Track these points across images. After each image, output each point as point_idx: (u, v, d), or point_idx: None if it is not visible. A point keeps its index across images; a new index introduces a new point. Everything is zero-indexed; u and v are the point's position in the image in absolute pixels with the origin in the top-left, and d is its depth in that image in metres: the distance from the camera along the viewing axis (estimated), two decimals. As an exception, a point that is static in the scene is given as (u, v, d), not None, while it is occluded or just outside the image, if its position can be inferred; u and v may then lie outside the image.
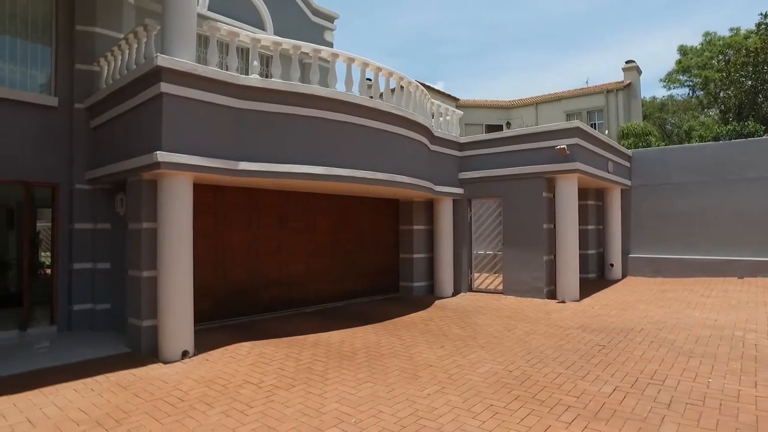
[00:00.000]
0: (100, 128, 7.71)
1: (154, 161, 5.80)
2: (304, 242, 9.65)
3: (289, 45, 7.29)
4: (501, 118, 26.90)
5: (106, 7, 8.24)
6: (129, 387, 5.13)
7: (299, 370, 5.69)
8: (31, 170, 7.60)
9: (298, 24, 12.24)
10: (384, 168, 8.17)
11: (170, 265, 6.10)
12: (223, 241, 8.25)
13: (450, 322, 8.32)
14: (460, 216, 11.62)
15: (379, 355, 6.34)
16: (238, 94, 6.64)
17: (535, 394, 4.86)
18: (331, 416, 4.38)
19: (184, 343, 6.12)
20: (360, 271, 10.86)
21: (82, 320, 7.81)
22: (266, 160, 6.78)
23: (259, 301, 8.81)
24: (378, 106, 8.04)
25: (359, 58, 7.93)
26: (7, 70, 7.65)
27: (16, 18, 7.75)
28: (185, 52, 6.18)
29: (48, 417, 4.37)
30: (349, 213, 10.62)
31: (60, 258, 7.87)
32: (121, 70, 7.14)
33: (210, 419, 4.32)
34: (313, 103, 7.20)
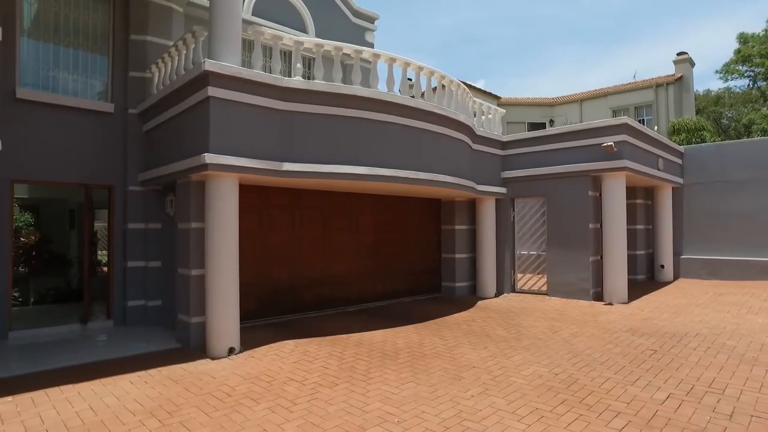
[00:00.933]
0: (151, 132, 8.03)
1: (202, 163, 6.00)
2: (347, 242, 9.73)
3: (331, 46, 7.37)
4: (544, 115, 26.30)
5: (157, 16, 8.58)
6: (179, 381, 5.31)
7: (342, 368, 5.74)
8: (90, 173, 8.00)
9: (339, 26, 12.37)
10: (426, 168, 8.14)
11: (217, 263, 6.28)
12: (267, 241, 8.42)
13: (493, 323, 8.20)
14: (502, 216, 11.43)
15: (421, 355, 6.31)
16: (282, 96, 6.76)
17: (583, 399, 4.71)
18: (375, 415, 4.39)
19: (230, 339, 6.29)
20: (402, 271, 10.86)
21: (136, 315, 8.16)
22: (310, 161, 6.88)
23: (302, 300, 8.95)
24: (420, 105, 8.01)
25: (400, 58, 7.92)
26: (70, 79, 8.09)
27: (79, 32, 8.20)
28: (231, 56, 6.35)
29: (108, 406, 4.59)
30: (391, 213, 10.64)
31: (115, 256, 8.25)
32: (170, 75, 7.42)
33: (256, 415, 4.41)
34: (356, 103, 7.25)
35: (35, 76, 7.78)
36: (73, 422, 4.23)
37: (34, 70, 7.78)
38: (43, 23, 7.92)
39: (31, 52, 7.77)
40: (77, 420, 4.27)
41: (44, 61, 7.88)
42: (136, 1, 8.45)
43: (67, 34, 8.11)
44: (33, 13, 7.89)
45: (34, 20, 7.89)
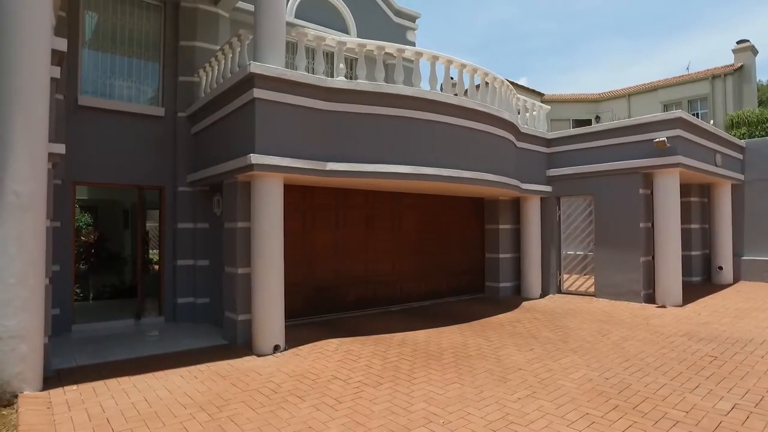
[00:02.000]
0: (199, 134, 8.28)
1: (248, 163, 6.12)
2: (390, 241, 9.73)
3: (373, 46, 7.38)
4: (589, 112, 25.50)
5: (205, 22, 8.85)
6: (227, 377, 5.44)
7: (386, 368, 5.73)
8: (143, 175, 8.33)
9: (381, 25, 12.39)
10: (470, 166, 8.03)
11: (263, 262, 6.40)
12: (312, 240, 8.53)
13: (539, 325, 8.00)
14: (548, 215, 11.15)
15: (466, 355, 6.23)
16: (326, 96, 6.83)
17: (636, 405, 4.51)
18: (419, 416, 4.36)
19: (275, 337, 6.40)
20: (445, 271, 10.77)
21: (185, 312, 8.43)
22: (353, 161, 6.92)
23: (345, 299, 9.01)
24: (463, 103, 7.91)
25: (443, 56, 7.85)
26: (125, 86, 8.49)
27: (133, 41, 8.58)
28: (276, 58, 6.45)
29: (160, 398, 4.75)
30: (434, 212, 10.56)
31: (166, 255, 8.56)
32: (217, 79, 7.62)
33: (301, 412, 4.46)
34: (399, 102, 7.23)
35: (94, 84, 8.19)
36: (129, 412, 4.40)
37: (93, 78, 8.19)
38: (101, 34, 8.33)
39: (91, 62, 8.19)
40: (133, 411, 4.44)
41: (102, 70, 8.28)
42: (185, 9, 8.75)
43: (123, 43, 8.49)
44: (93, 25, 8.30)
45: (94, 32, 8.30)
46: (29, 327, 4.76)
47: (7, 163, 4.68)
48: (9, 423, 4.18)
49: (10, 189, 4.67)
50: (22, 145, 4.75)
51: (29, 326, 4.75)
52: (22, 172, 4.73)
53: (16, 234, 4.69)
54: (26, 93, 4.78)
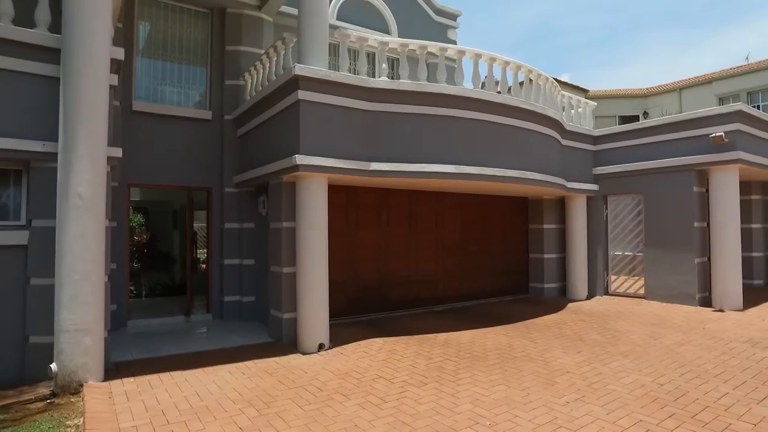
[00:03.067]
0: (245, 136, 8.50)
1: (293, 164, 6.23)
2: (433, 241, 9.70)
3: (415, 45, 7.37)
4: (637, 107, 24.58)
5: (250, 27, 9.07)
6: (273, 374, 5.55)
7: (430, 368, 5.71)
8: (191, 176, 8.62)
9: (422, 25, 12.35)
10: (514, 165, 7.90)
11: (308, 262, 6.50)
12: (355, 240, 8.60)
13: (586, 327, 7.77)
14: (594, 214, 10.83)
15: (511, 357, 6.13)
16: (369, 96, 6.87)
17: (695, 414, 4.31)
18: (465, 417, 4.32)
19: (320, 336, 6.48)
20: (488, 271, 10.63)
21: (232, 310, 8.66)
22: (396, 160, 6.93)
23: (388, 299, 9.04)
24: (507, 101, 7.79)
25: (486, 54, 7.75)
26: (174, 91, 8.81)
27: (182, 47, 8.90)
28: (319, 60, 6.54)
29: (211, 393, 4.90)
30: (477, 212, 10.45)
31: (214, 254, 8.82)
32: (262, 81, 7.80)
33: (347, 410, 4.50)
34: (442, 101, 7.20)
35: (147, 90, 8.54)
36: (182, 405, 4.56)
37: (146, 84, 8.54)
38: (153, 43, 8.69)
39: (144, 69, 8.54)
40: (186, 404, 4.60)
41: (154, 76, 8.63)
42: (231, 15, 9.00)
43: (173, 50, 8.82)
44: (146, 34, 8.67)
45: (147, 41, 8.67)
46: (92, 321, 5.01)
47: (72, 167, 4.95)
48: (77, 409, 4.43)
49: (74, 191, 4.94)
50: (85, 149, 5.01)
51: (92, 320, 5.01)
52: (84, 175, 4.99)
53: (79, 233, 4.95)
54: (89, 100, 5.05)
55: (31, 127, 5.17)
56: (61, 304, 4.94)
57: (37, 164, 5.28)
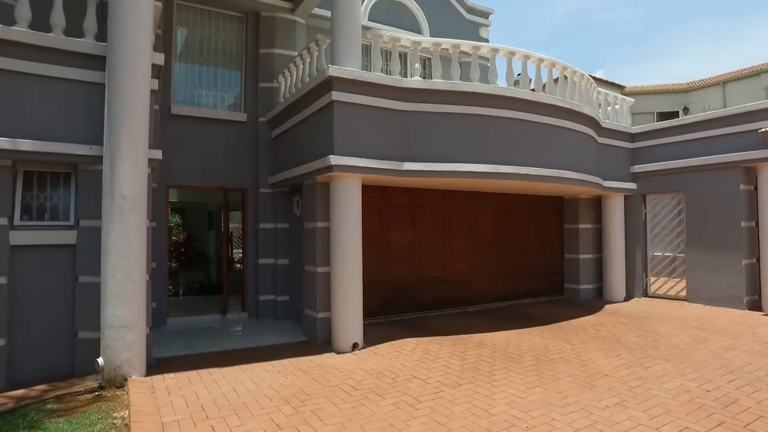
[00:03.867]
0: (279, 138, 8.62)
1: (327, 165, 6.29)
2: (466, 241, 9.63)
3: (448, 44, 7.33)
4: (676, 103, 23.75)
5: (283, 30, 9.21)
6: (308, 372, 5.61)
7: (465, 369, 5.67)
8: (227, 177, 8.81)
9: (453, 23, 12.27)
10: (549, 164, 7.76)
11: (342, 261, 6.55)
12: (388, 240, 8.61)
13: (624, 329, 7.57)
14: (632, 213, 10.53)
15: (547, 359, 6.02)
16: (402, 96, 6.87)
17: (748, 424, 4.12)
18: (501, 419, 4.27)
19: (354, 335, 6.52)
20: (523, 271, 10.49)
21: (267, 309, 8.80)
22: (430, 160, 6.91)
23: (421, 299, 9.02)
24: (541, 99, 7.66)
25: (520, 51, 7.64)
26: (210, 94, 9.03)
27: (218, 51, 9.13)
28: (352, 61, 6.58)
29: (248, 390, 4.99)
30: (511, 211, 10.32)
31: (249, 254, 8.99)
32: (296, 83, 7.90)
33: (382, 409, 4.51)
34: (475, 100, 7.14)
35: (184, 93, 8.79)
36: (221, 401, 4.66)
37: (184, 88, 8.79)
38: (190, 47, 8.93)
39: (181, 73, 8.78)
40: (224, 400, 4.70)
41: (191, 80, 8.87)
42: (264, 18, 9.16)
43: (209, 54, 9.04)
44: (183, 39, 8.91)
45: (184, 46, 8.91)
46: (135, 318, 5.18)
47: (115, 169, 5.13)
48: (122, 402, 4.59)
49: (118, 192, 5.12)
50: (128, 152, 5.18)
51: (135, 317, 5.18)
52: (127, 176, 5.17)
53: (123, 233, 5.13)
54: (131, 105, 5.23)
55: (78, 131, 5.38)
56: (106, 301, 5.12)
57: (84, 167, 5.50)
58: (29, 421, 4.16)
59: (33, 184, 5.50)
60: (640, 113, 23.06)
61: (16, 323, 5.22)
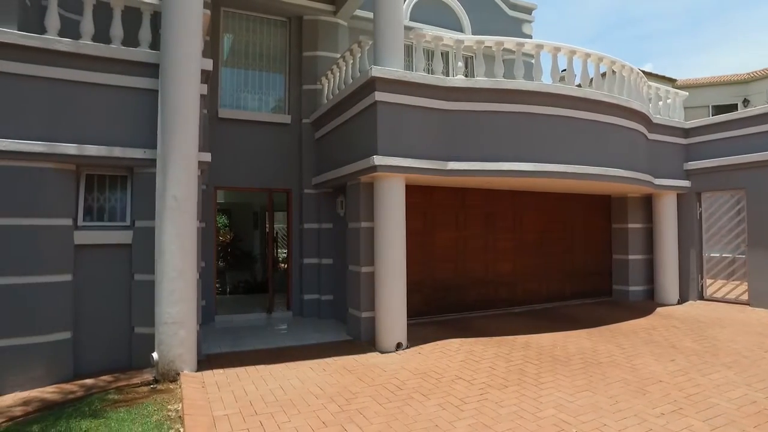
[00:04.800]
0: (322, 139, 8.74)
1: (371, 165, 6.33)
2: (510, 241, 9.49)
3: (491, 42, 7.24)
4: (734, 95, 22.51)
5: (325, 32, 9.34)
6: (353, 371, 5.66)
7: (510, 370, 5.58)
8: (272, 179, 9.01)
9: (496, 21, 12.10)
10: (596, 161, 7.53)
11: (386, 261, 6.57)
12: (432, 240, 8.58)
13: (679, 334, 7.25)
14: (686, 212, 10.08)
15: (596, 362, 5.84)
16: (445, 95, 6.83)
17: (818, 434, 3.88)
18: (549, 422, 4.18)
19: (398, 335, 6.53)
20: (569, 272, 10.23)
21: (311, 308, 8.94)
22: (474, 159, 6.84)
23: (465, 299, 8.94)
24: (587, 95, 7.45)
25: (565, 47, 7.46)
26: (255, 98, 9.27)
27: (262, 56, 9.36)
28: (395, 61, 6.59)
29: (294, 387, 5.09)
30: (556, 211, 10.09)
31: (293, 254, 9.15)
32: (339, 85, 7.99)
33: (427, 410, 4.49)
34: (519, 98, 7.02)
35: (230, 97, 9.05)
36: (268, 398, 4.77)
37: (230, 92, 9.05)
38: (236, 52, 9.19)
39: (228, 78, 9.05)
40: (271, 396, 4.81)
41: (237, 84, 9.13)
42: (307, 22, 9.31)
43: (254, 58, 9.28)
44: (229, 45, 9.18)
45: (230, 51, 9.17)
46: (186, 315, 5.38)
47: (168, 171, 5.34)
48: (175, 396, 4.78)
49: (170, 194, 5.32)
50: (179, 155, 5.39)
51: (186, 314, 5.38)
52: (179, 178, 5.37)
53: (175, 233, 5.33)
54: (183, 110, 5.43)
55: (133, 136, 5.64)
56: (159, 299, 5.34)
57: (138, 170, 5.75)
58: (93, 410, 4.42)
59: (93, 187, 5.80)
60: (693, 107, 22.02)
61: (81, 318, 5.52)
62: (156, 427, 4.04)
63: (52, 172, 5.32)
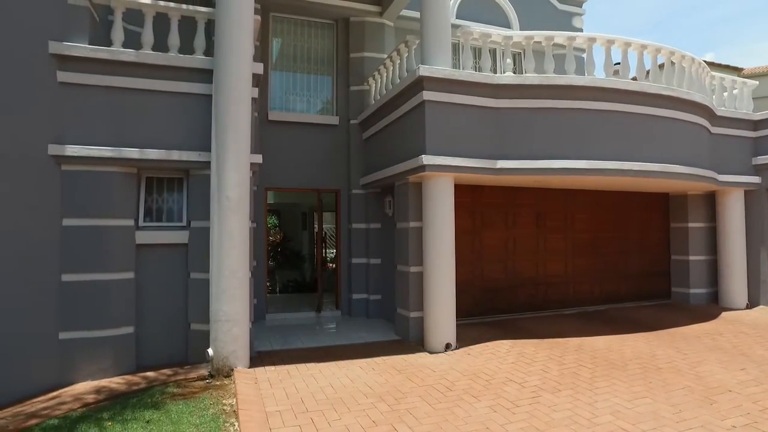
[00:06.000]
0: (370, 139, 8.80)
1: (419, 164, 6.32)
2: (562, 241, 9.23)
3: (541, 37, 7.06)
4: (809, 84, 20.90)
5: (372, 33, 9.39)
6: (402, 371, 5.65)
7: (563, 374, 5.41)
8: (320, 179, 9.14)
9: (544, 15, 11.79)
10: (653, 158, 7.20)
11: (435, 261, 6.53)
12: (480, 240, 8.47)
13: (748, 340, 6.81)
14: (755, 210, 9.45)
15: (655, 368, 5.58)
16: (493, 93, 6.72)
17: None
18: (606, 429, 4.03)
19: (447, 335, 6.47)
20: (623, 273, 9.84)
21: (359, 307, 9.01)
22: (524, 157, 6.70)
23: (514, 300, 8.78)
24: (644, 88, 7.12)
25: (620, 39, 7.17)
26: (303, 100, 9.43)
27: (310, 58, 9.52)
28: (442, 60, 6.55)
29: (343, 386, 5.14)
30: (610, 209, 9.73)
31: (342, 254, 9.25)
32: (386, 85, 8.01)
33: (478, 412, 4.43)
34: (571, 93, 6.81)
35: (279, 100, 9.26)
36: (319, 395, 4.84)
37: (279, 94, 9.26)
38: (284, 55, 9.39)
39: (277, 81, 9.26)
40: (322, 394, 4.87)
41: (285, 87, 9.32)
42: (354, 23, 9.40)
43: (302, 61, 9.45)
44: (278, 49, 9.40)
45: (279, 54, 9.39)
46: (239, 312, 5.54)
47: (222, 173, 5.52)
48: (230, 391, 4.93)
49: (224, 195, 5.50)
50: (232, 157, 5.56)
51: (239, 312, 5.54)
52: (232, 179, 5.53)
53: (228, 233, 5.50)
54: (235, 113, 5.60)
55: (189, 139, 5.86)
56: (214, 297, 5.53)
57: (194, 172, 5.97)
58: (155, 401, 4.63)
59: (153, 189, 6.07)
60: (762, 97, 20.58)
61: (142, 314, 5.80)
62: (212, 420, 4.18)
63: (118, 175, 5.62)
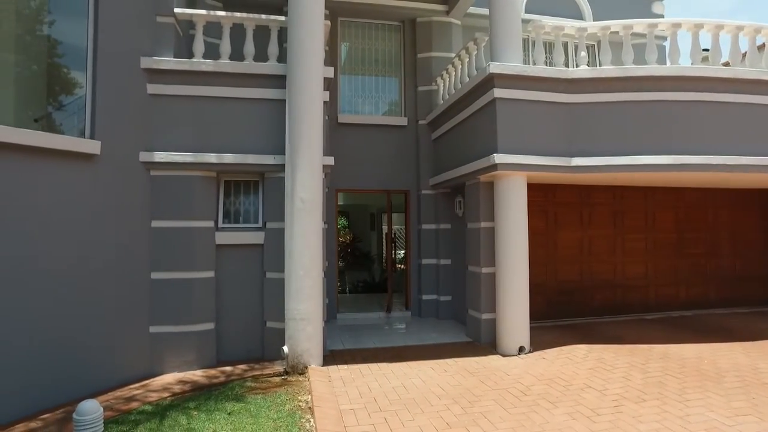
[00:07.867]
0: (439, 139, 8.74)
1: (491, 163, 6.19)
2: (642, 241, 8.72)
3: (618, 27, 6.70)
4: None
5: (439, 33, 9.34)
6: (474, 373, 5.55)
7: (648, 383, 5.08)
8: (389, 180, 9.21)
9: (620, 4, 11.15)
10: (749, 151, 6.58)
11: (507, 262, 6.38)
12: (554, 240, 8.20)
13: None
14: None
15: (758, 382, 5.10)
16: (567, 88, 6.46)
17: None
18: (701, 445, 3.73)
19: (520, 338, 6.30)
20: (712, 276, 9.13)
21: (429, 308, 8.96)
22: (601, 154, 6.38)
23: (590, 303, 8.39)
24: (738, 74, 6.53)
25: (710, 22, 6.64)
26: (372, 102, 9.55)
27: (378, 60, 9.63)
28: (513, 56, 6.37)
29: (416, 386, 5.12)
30: (696, 208, 9.06)
31: (412, 254, 9.26)
32: (455, 84, 7.92)
33: (556, 418, 4.26)
34: (652, 85, 6.40)
35: (349, 102, 9.43)
36: (391, 395, 4.86)
37: (348, 97, 9.43)
38: (353, 59, 9.55)
39: (346, 84, 9.44)
40: (394, 394, 4.89)
41: (354, 89, 9.48)
42: (420, 24, 9.39)
43: (370, 63, 9.57)
44: (346, 52, 9.58)
45: (347, 58, 9.56)
46: (313, 311, 5.69)
47: (295, 175, 5.69)
48: (304, 388, 5.07)
49: (298, 196, 5.67)
50: (306, 159, 5.71)
51: (313, 311, 5.69)
52: (305, 181, 5.69)
53: (302, 233, 5.67)
54: (308, 116, 5.76)
55: (264, 143, 6.10)
56: (289, 296, 5.70)
57: (269, 175, 6.21)
58: (235, 394, 4.86)
59: (230, 192, 6.38)
60: None
61: (221, 311, 6.10)
62: (289, 416, 4.31)
63: (199, 179, 5.96)
